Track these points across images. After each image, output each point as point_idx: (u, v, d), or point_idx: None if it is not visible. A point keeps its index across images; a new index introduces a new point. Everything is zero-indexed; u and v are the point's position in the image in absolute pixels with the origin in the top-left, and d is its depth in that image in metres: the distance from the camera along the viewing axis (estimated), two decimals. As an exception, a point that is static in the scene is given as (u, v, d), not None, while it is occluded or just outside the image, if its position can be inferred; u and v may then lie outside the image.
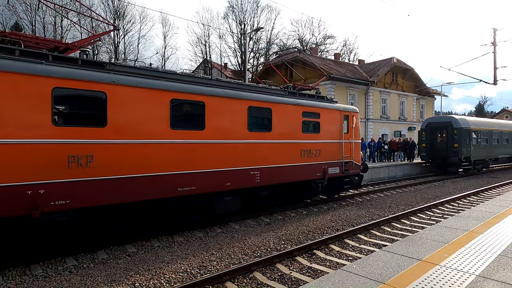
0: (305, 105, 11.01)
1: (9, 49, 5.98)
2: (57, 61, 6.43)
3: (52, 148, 6.04)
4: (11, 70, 5.67)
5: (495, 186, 16.18)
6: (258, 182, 9.51)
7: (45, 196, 5.93)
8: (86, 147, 6.41)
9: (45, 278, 5.82)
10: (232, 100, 8.93)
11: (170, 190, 7.63)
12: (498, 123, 27.65)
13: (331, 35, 53.01)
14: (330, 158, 11.88)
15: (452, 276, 4.03)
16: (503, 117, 56.29)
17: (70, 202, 6.22)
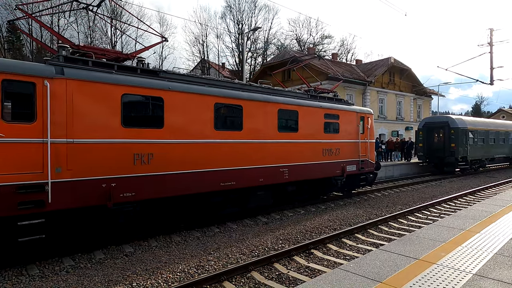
0: (327, 108, 11.88)
1: (84, 60, 6.86)
2: (121, 70, 7.30)
3: (122, 147, 6.92)
4: (90, 79, 6.56)
5: (492, 186, 16.26)
6: (286, 178, 10.32)
7: (116, 189, 6.80)
8: (148, 146, 7.28)
9: (42, 278, 5.80)
10: (264, 104, 9.79)
11: (214, 185, 8.50)
12: (495, 123, 27.78)
13: (329, 35, 53.06)
14: (348, 157, 12.64)
15: (449, 275, 4.04)
16: (500, 117, 56.56)
17: (136, 195, 7.10)
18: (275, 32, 71.56)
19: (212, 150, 8.41)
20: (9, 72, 5.74)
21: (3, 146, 5.61)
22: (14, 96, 5.86)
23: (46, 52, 35.79)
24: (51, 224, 6.24)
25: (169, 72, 8.27)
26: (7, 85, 5.72)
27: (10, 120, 5.75)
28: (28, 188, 5.81)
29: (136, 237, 7.78)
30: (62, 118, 6.18)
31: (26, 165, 5.81)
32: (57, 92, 6.16)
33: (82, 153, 6.40)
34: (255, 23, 44.11)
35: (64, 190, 6.18)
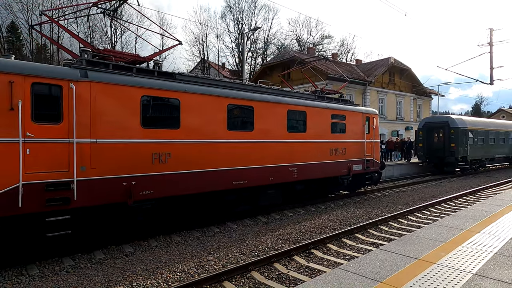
0: (333, 108, 12.19)
1: (105, 64, 7.19)
2: (139, 73, 7.61)
3: (141, 147, 7.21)
4: (112, 82, 6.84)
5: (492, 186, 16.26)
6: (295, 177, 10.63)
7: (136, 187, 7.07)
8: (165, 146, 7.57)
9: (42, 278, 5.80)
10: (274, 105, 10.08)
11: (227, 183, 8.79)
12: (495, 123, 27.78)
13: (329, 35, 53.04)
14: (354, 156, 12.97)
15: (449, 274, 4.04)
16: (500, 117, 56.55)
17: (154, 193, 7.36)
18: (275, 32, 71.61)
19: (225, 150, 8.72)
20: (38, 75, 6.05)
21: (33, 146, 5.90)
22: (43, 98, 6.14)
23: (46, 53, 35.78)
24: (76, 221, 6.52)
25: (184, 75, 8.64)
26: (37, 88, 6.03)
27: (39, 121, 6.03)
28: (55, 186, 6.09)
29: (135, 237, 7.78)
30: (86, 119, 6.48)
31: (54, 164, 6.10)
32: (82, 94, 6.46)
33: (105, 152, 6.70)
34: (255, 23, 44.14)
35: (88, 188, 6.47)
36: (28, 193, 5.79)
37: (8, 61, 5.97)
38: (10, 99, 5.71)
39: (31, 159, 5.85)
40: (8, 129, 5.68)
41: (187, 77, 8.58)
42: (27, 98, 5.89)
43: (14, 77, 5.79)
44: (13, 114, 5.71)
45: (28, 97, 5.91)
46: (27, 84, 5.91)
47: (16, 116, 5.73)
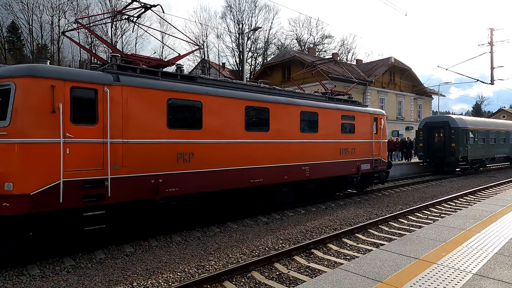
0: (343, 109, 12.59)
1: (133, 68, 7.58)
2: (164, 77, 7.98)
3: (167, 147, 7.61)
4: (141, 85, 7.26)
5: (492, 186, 16.25)
6: (307, 176, 11.02)
7: (163, 184, 7.47)
8: (189, 146, 7.99)
9: (43, 278, 5.80)
10: (288, 106, 10.48)
11: (245, 182, 9.21)
12: (495, 122, 27.75)
13: (329, 34, 53.02)
14: (363, 156, 13.34)
15: (449, 274, 4.04)
16: (500, 116, 56.49)
17: (179, 190, 7.76)
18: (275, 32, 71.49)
19: (243, 150, 9.15)
20: (76, 80, 6.47)
21: (71, 146, 6.29)
22: (80, 101, 6.53)
23: (46, 53, 35.81)
24: (110, 216, 6.90)
25: (204, 78, 9.12)
26: (75, 92, 6.44)
27: (77, 123, 6.43)
28: (91, 183, 6.50)
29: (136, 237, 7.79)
30: (118, 121, 6.88)
31: (90, 162, 6.51)
32: (115, 97, 6.86)
33: (135, 152, 7.10)
34: (255, 23, 44.12)
35: (121, 185, 6.87)
36: (68, 190, 6.19)
37: (50, 66, 6.41)
38: (52, 102, 6.12)
39: (70, 158, 6.25)
40: (50, 130, 6.09)
41: (208, 80, 9.09)
42: (66, 101, 6.29)
43: (55, 82, 6.18)
44: (54, 116, 6.11)
45: (67, 100, 6.31)
46: (67, 88, 6.32)
47: (57, 118, 6.12)
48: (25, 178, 5.90)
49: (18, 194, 5.84)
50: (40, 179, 5.98)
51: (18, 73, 6.12)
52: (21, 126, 5.95)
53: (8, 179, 5.82)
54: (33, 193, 5.89)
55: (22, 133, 5.93)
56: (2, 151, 5.92)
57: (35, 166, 5.96)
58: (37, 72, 6.13)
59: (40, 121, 6.05)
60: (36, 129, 6.01)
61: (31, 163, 5.94)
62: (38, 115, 6.05)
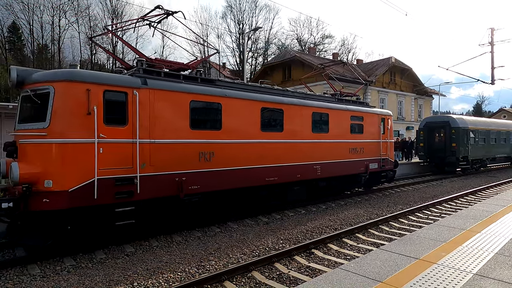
0: (352, 110, 13.03)
1: (157, 72, 8.00)
2: (186, 80, 8.40)
3: (190, 146, 8.02)
4: (166, 89, 7.67)
5: (493, 185, 16.23)
6: (319, 175, 11.43)
7: (186, 182, 7.87)
8: (210, 145, 8.39)
9: (43, 278, 5.81)
10: (301, 107, 10.87)
11: (261, 180, 9.62)
12: (496, 122, 27.71)
13: (330, 34, 52.87)
14: (371, 155, 13.76)
15: (450, 274, 4.04)
16: (501, 116, 56.40)
17: (200, 187, 8.16)
18: (275, 32, 71.54)
19: (259, 149, 9.55)
20: (109, 84, 6.87)
21: (105, 146, 6.69)
22: (112, 103, 6.93)
23: (47, 53, 35.83)
24: (139, 211, 7.29)
25: (222, 81, 9.60)
26: (107, 95, 6.84)
27: (109, 124, 6.82)
28: (122, 181, 6.91)
29: (137, 237, 7.81)
30: (146, 122, 7.29)
31: (121, 161, 6.91)
32: (143, 100, 7.26)
33: (160, 151, 7.50)
34: (256, 23, 44.14)
35: (148, 183, 7.27)
36: (101, 187, 6.59)
37: (86, 71, 6.94)
38: (87, 105, 6.53)
39: (103, 157, 6.64)
40: (86, 131, 6.50)
41: (226, 82, 9.56)
42: (100, 104, 6.69)
43: (91, 86, 6.61)
44: (89, 118, 6.52)
45: (101, 103, 6.71)
46: (100, 92, 6.73)
47: (92, 119, 6.53)
48: (64, 176, 6.31)
49: (57, 191, 6.25)
50: (77, 176, 6.39)
51: (57, 78, 6.56)
52: (59, 127, 6.38)
53: (48, 177, 6.25)
54: (70, 189, 6.31)
55: (60, 134, 6.36)
56: (42, 150, 6.41)
57: (72, 165, 6.38)
58: (74, 77, 6.55)
59: (77, 122, 6.46)
60: (73, 130, 6.43)
61: (69, 162, 6.37)
62: (75, 117, 6.47)
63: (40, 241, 6.53)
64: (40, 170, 6.24)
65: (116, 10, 37.16)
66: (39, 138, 6.41)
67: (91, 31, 36.21)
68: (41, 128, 6.39)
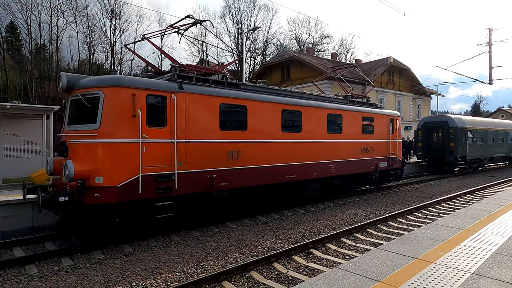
0: (363, 111, 13.70)
1: (189, 77, 8.53)
2: (215, 84, 8.94)
3: (220, 146, 8.61)
4: (200, 93, 8.28)
5: (491, 185, 16.28)
6: (333, 173, 12.06)
7: (216, 179, 8.44)
8: (237, 145, 8.99)
9: (41, 278, 5.80)
10: (317, 109, 11.51)
11: (282, 177, 10.21)
12: (494, 122, 27.79)
13: (328, 34, 52.76)
14: (381, 154, 14.42)
15: (447, 274, 4.05)
16: (499, 116, 56.50)
17: (228, 184, 8.74)
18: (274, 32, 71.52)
19: (280, 149, 10.15)
20: (151, 88, 7.45)
21: (147, 145, 7.24)
22: (153, 107, 7.50)
23: (45, 53, 35.71)
24: (176, 206, 7.82)
25: (246, 84, 10.26)
26: (149, 99, 7.41)
27: (151, 125, 7.38)
28: (162, 177, 7.46)
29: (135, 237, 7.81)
30: (182, 123, 7.83)
31: (161, 159, 7.46)
32: (179, 103, 7.82)
33: (195, 150, 8.07)
34: (254, 22, 44.11)
35: (184, 179, 7.82)
36: (145, 183, 7.13)
37: (131, 78, 7.62)
38: (133, 108, 7.10)
39: (146, 156, 7.18)
40: (132, 132, 7.06)
41: (249, 86, 10.22)
42: (143, 107, 7.25)
43: (136, 91, 7.19)
44: (134, 120, 7.09)
45: (144, 106, 7.27)
46: (143, 96, 7.30)
47: (137, 121, 7.09)
48: (113, 172, 6.89)
49: (107, 186, 6.83)
50: (124, 173, 6.94)
51: (106, 84, 7.18)
52: (109, 129, 6.95)
53: (99, 174, 6.84)
54: (119, 185, 6.88)
55: (109, 135, 6.94)
56: (93, 149, 7.02)
57: (120, 163, 6.95)
58: (122, 83, 7.20)
59: (124, 124, 7.03)
60: (121, 131, 7.00)
61: (117, 160, 6.95)
62: (122, 119, 7.04)
63: (92, 232, 7.10)
64: (92, 168, 6.84)
65: (114, 10, 37.07)
66: (90, 139, 7.01)
67: (89, 31, 36.11)
68: (92, 129, 6.99)
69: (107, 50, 37.81)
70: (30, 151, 12.12)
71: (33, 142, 12.14)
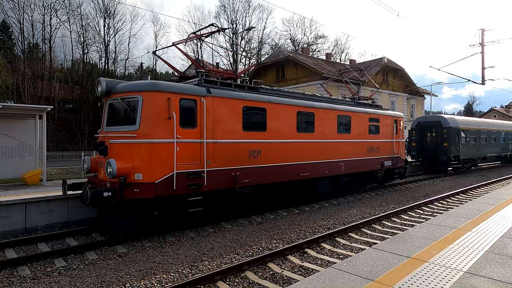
0: (370, 113, 14.43)
1: (214, 81, 9.17)
2: (238, 88, 9.64)
3: (243, 145, 9.27)
4: (225, 96, 8.92)
5: (483, 184, 16.44)
6: (343, 171, 12.74)
7: (239, 176, 9.08)
8: (257, 145, 9.65)
9: (33, 280, 5.74)
10: (328, 111, 12.20)
11: (297, 175, 10.89)
12: (486, 122, 28.06)
13: (323, 35, 53.10)
14: (385, 154, 15.14)
15: (440, 272, 4.08)
16: (491, 116, 57.14)
17: (250, 181, 9.38)
18: (269, 32, 71.70)
19: (295, 148, 10.79)
20: (183, 93, 8.06)
21: (180, 145, 7.82)
22: (185, 109, 8.07)
23: (38, 52, 35.36)
24: (205, 201, 8.42)
25: (264, 88, 10.92)
26: (182, 102, 8.00)
27: (183, 127, 7.96)
28: (193, 175, 8.07)
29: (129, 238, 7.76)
30: (210, 125, 8.46)
31: (192, 158, 8.07)
32: (208, 106, 8.42)
33: (221, 150, 8.67)
34: (249, 22, 44.09)
35: (212, 176, 8.43)
36: (179, 179, 7.72)
37: (167, 83, 8.24)
38: (168, 111, 7.70)
39: (180, 155, 7.77)
40: (167, 133, 7.65)
41: (267, 90, 10.90)
42: (177, 110, 7.84)
43: (171, 95, 7.79)
44: (170, 122, 7.69)
45: (177, 109, 7.86)
46: (177, 100, 7.89)
47: (172, 123, 7.70)
48: (151, 170, 7.47)
49: (146, 182, 7.41)
50: (161, 171, 7.52)
51: (145, 88, 7.76)
52: (147, 130, 7.53)
53: (138, 171, 7.44)
54: (156, 181, 7.45)
55: (148, 135, 7.52)
56: (133, 149, 7.61)
57: (157, 161, 7.53)
58: (159, 88, 7.77)
59: (160, 125, 7.61)
60: (158, 132, 7.58)
61: (155, 158, 7.53)
62: (159, 121, 7.61)
63: (132, 225, 7.73)
64: (132, 165, 7.45)
65: (108, 9, 36.82)
66: (130, 139, 7.60)
67: (83, 30, 35.83)
68: (132, 130, 7.58)
69: (101, 49, 37.57)
70: (22, 152, 12.00)
71: (26, 142, 12.02)
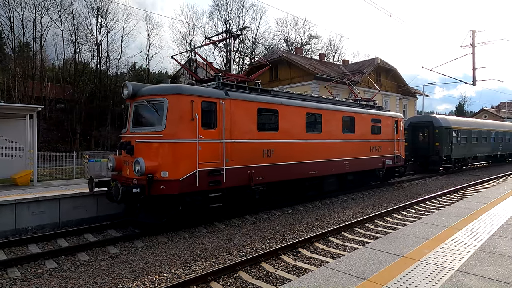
0: (373, 114, 15.08)
1: (230, 84, 9.73)
2: (252, 91, 10.16)
3: (257, 145, 9.80)
4: (242, 99, 9.44)
5: (474, 184, 16.65)
6: (347, 169, 13.33)
7: (254, 174, 9.63)
8: (270, 144, 10.20)
9: (24, 282, 5.66)
10: (334, 112, 12.79)
11: (306, 173, 11.50)
12: (477, 122, 28.41)
13: (316, 35, 53.15)
14: (386, 153, 15.75)
15: (432, 271, 4.11)
16: (482, 116, 57.87)
17: (264, 178, 9.93)
18: (263, 32, 71.69)
19: (304, 148, 11.36)
20: (205, 96, 8.56)
21: (202, 145, 8.32)
22: (206, 111, 8.57)
23: (29, 51, 34.85)
24: (224, 197, 8.94)
25: (276, 91, 11.50)
26: (203, 104, 8.50)
27: (205, 127, 8.45)
28: (213, 172, 8.57)
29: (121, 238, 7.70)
30: (228, 126, 8.97)
31: (212, 157, 8.58)
32: (226, 108, 8.94)
33: (238, 149, 9.21)
34: (243, 22, 44.03)
35: (230, 174, 8.95)
36: (201, 177, 8.23)
37: (190, 86, 8.69)
38: (192, 112, 8.19)
39: (201, 154, 8.27)
40: (191, 133, 8.16)
41: (278, 92, 11.49)
42: (199, 111, 8.34)
43: (194, 98, 8.30)
44: (193, 123, 8.19)
45: (199, 111, 8.36)
46: (199, 102, 8.39)
47: (195, 124, 8.21)
48: (176, 168, 7.95)
49: (172, 179, 7.89)
50: (185, 168, 8.02)
51: (170, 92, 8.25)
52: (172, 130, 8.02)
53: (164, 169, 7.90)
54: (181, 178, 7.93)
55: (173, 135, 8.01)
56: (160, 148, 8.09)
57: (182, 159, 8.04)
58: (183, 91, 8.28)
59: (184, 126, 8.11)
60: (182, 132, 8.07)
61: (179, 157, 8.03)
62: (183, 122, 8.10)
63: (158, 219, 8.18)
64: (158, 164, 7.90)
65: (100, 8, 36.47)
66: (157, 139, 8.05)
67: (75, 29, 35.44)
68: (158, 131, 8.04)
69: (93, 48, 37.20)
70: (13, 152, 11.85)
71: (16, 142, 11.86)
